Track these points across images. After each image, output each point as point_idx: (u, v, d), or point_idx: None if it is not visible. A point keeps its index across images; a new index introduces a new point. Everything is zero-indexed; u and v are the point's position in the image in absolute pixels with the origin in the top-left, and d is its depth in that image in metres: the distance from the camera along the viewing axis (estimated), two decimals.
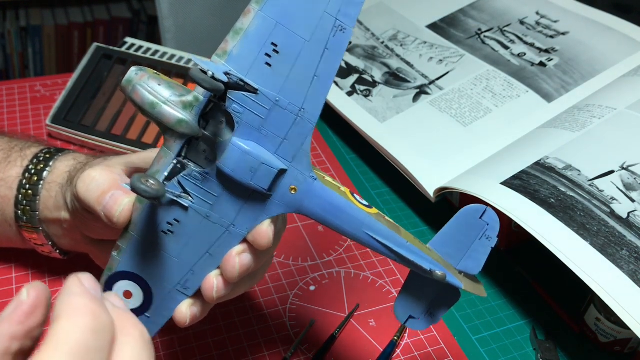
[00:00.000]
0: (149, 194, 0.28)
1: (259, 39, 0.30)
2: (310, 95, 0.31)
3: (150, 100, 0.31)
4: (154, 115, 0.31)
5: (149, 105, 0.31)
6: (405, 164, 0.56)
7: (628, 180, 0.47)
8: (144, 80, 0.31)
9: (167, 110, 0.31)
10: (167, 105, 0.31)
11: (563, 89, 0.61)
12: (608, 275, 0.41)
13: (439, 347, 0.46)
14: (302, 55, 0.30)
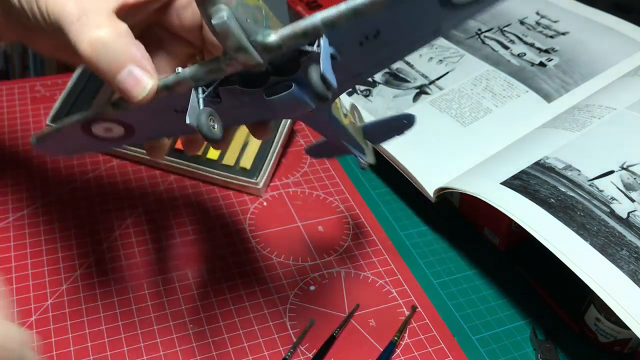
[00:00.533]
0: (209, 138, 0.30)
1: (369, 23, 0.29)
2: (371, 67, 0.33)
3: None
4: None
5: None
6: (405, 164, 0.56)
7: (628, 180, 0.47)
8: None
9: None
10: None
11: (563, 89, 0.61)
12: (608, 275, 0.41)
13: (439, 347, 0.46)
14: (392, 47, 0.31)
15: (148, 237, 0.52)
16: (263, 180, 0.57)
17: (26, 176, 0.57)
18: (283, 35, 0.28)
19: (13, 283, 0.47)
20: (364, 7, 0.27)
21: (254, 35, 0.28)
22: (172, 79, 0.31)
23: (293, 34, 0.28)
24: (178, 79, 0.31)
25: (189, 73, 0.31)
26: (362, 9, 0.27)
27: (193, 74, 0.31)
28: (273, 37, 0.28)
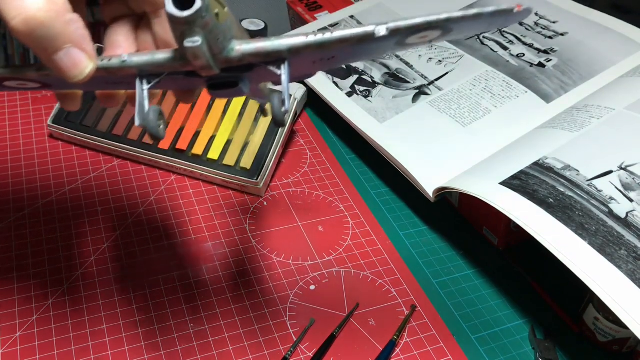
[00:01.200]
0: (156, 138, 0.31)
1: (329, 52, 0.31)
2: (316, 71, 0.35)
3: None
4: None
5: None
6: (404, 164, 0.56)
7: (626, 180, 0.47)
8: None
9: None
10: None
11: (562, 89, 0.61)
12: (606, 275, 0.41)
13: (439, 346, 0.46)
14: (343, 62, 0.34)
15: (149, 237, 0.52)
16: (263, 180, 0.57)
17: (27, 176, 0.57)
18: (246, 52, 0.29)
19: (14, 282, 0.47)
20: (330, 42, 0.29)
21: (220, 52, 0.29)
22: (116, 65, 0.31)
23: (256, 52, 0.29)
24: (123, 66, 0.31)
25: (136, 63, 0.31)
26: (328, 44, 0.29)
27: (141, 64, 0.31)
28: (236, 53, 0.29)
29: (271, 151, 0.58)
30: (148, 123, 0.30)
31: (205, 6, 0.26)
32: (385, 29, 0.28)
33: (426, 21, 0.28)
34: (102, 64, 0.31)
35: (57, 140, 0.62)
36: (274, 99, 0.31)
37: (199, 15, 0.26)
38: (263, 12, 1.14)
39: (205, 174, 0.58)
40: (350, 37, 0.28)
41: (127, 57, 0.31)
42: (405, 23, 0.28)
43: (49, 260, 0.49)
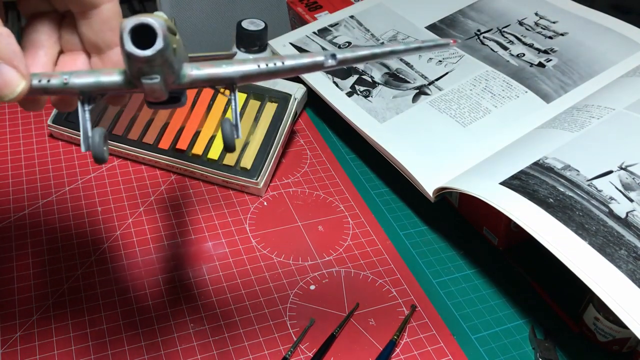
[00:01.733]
0: (102, 162, 0.29)
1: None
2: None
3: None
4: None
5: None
6: (404, 164, 0.56)
7: (626, 180, 0.47)
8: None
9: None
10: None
11: (562, 89, 0.61)
12: (606, 275, 0.41)
13: (438, 346, 0.46)
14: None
15: (149, 237, 0.52)
16: (263, 180, 0.57)
17: (27, 176, 0.57)
18: (197, 79, 0.29)
19: (14, 282, 0.47)
20: (282, 71, 0.30)
21: (173, 81, 0.29)
22: (56, 86, 0.29)
23: (208, 78, 0.29)
24: (64, 88, 0.29)
25: (79, 85, 0.29)
26: (280, 72, 0.30)
27: (85, 87, 0.29)
28: (188, 79, 0.29)
29: (271, 151, 0.58)
30: (94, 148, 0.29)
31: (166, 45, 0.26)
32: (334, 60, 0.30)
33: (372, 53, 0.30)
34: (40, 84, 0.29)
35: (57, 140, 0.62)
36: (225, 124, 0.30)
37: (159, 55, 0.26)
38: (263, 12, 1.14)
39: (205, 174, 0.58)
40: (300, 67, 0.30)
41: (69, 78, 0.29)
42: (353, 55, 0.30)
43: (49, 260, 0.49)
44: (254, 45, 0.70)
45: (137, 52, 0.25)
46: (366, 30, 0.73)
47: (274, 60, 0.30)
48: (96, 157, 0.29)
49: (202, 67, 0.29)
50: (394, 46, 0.30)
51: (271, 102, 0.62)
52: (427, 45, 0.30)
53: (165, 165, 0.59)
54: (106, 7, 0.31)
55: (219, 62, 0.29)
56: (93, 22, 0.31)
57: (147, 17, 0.25)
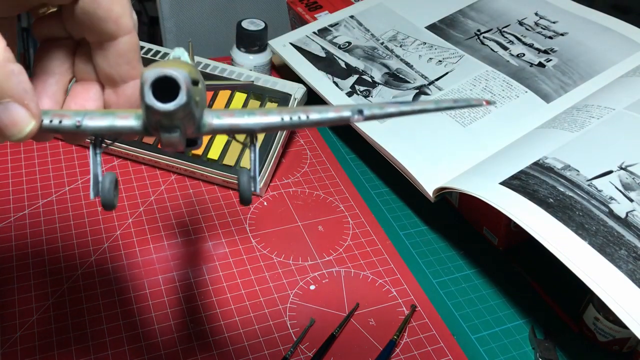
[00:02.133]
0: (111, 209, 0.28)
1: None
2: None
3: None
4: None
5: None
6: (404, 164, 0.56)
7: (626, 180, 0.47)
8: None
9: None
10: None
11: (562, 89, 0.61)
12: (606, 275, 0.41)
13: (438, 346, 0.46)
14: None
15: (149, 237, 0.52)
16: (263, 180, 0.57)
17: (27, 176, 0.57)
18: (217, 128, 0.28)
19: (14, 282, 0.47)
20: (305, 125, 0.28)
21: (192, 132, 0.27)
22: (69, 128, 0.27)
23: (229, 129, 0.28)
24: (77, 131, 0.27)
25: (93, 129, 0.27)
26: (303, 125, 0.29)
27: (99, 130, 0.27)
28: (207, 128, 0.28)
29: (271, 151, 0.58)
30: (104, 195, 0.27)
31: (189, 99, 0.24)
32: (361, 117, 0.28)
33: (400, 111, 0.28)
34: (51, 125, 0.27)
35: (57, 140, 0.62)
36: (243, 176, 0.29)
37: (181, 109, 0.24)
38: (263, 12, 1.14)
39: (205, 173, 0.58)
40: (326, 121, 0.29)
41: (82, 121, 0.27)
42: (381, 112, 0.29)
43: (49, 260, 0.49)
44: (254, 45, 0.70)
45: (159, 105, 0.24)
46: (366, 30, 0.73)
47: (298, 113, 0.28)
48: (105, 205, 0.28)
49: (222, 117, 0.28)
50: (425, 105, 0.29)
51: (271, 102, 0.62)
52: (459, 105, 0.29)
53: (165, 165, 0.59)
54: (124, 40, 0.30)
55: (242, 112, 0.28)
56: (109, 54, 0.30)
57: (170, 68, 0.24)
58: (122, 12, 0.29)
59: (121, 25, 0.29)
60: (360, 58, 0.69)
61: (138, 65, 0.31)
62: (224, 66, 0.66)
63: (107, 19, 0.28)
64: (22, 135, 0.26)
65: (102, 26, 0.29)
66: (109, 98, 0.32)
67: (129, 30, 0.29)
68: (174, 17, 1.10)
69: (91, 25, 0.29)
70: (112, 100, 0.32)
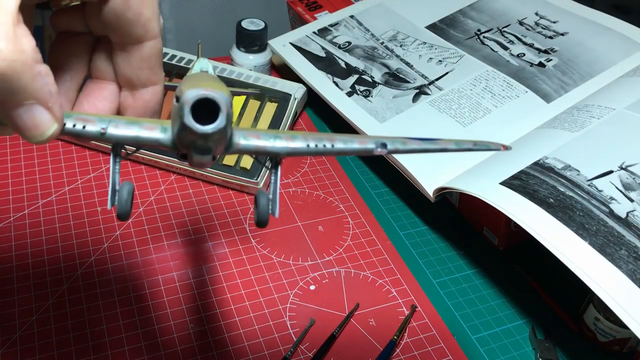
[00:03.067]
0: (123, 218, 0.27)
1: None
2: None
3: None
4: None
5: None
6: (404, 164, 0.56)
7: (627, 180, 0.47)
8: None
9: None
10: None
11: (562, 89, 0.61)
12: (607, 275, 0.41)
13: (439, 346, 0.46)
14: None
15: (148, 237, 0.52)
16: (263, 180, 0.57)
17: (27, 176, 0.57)
18: (243, 149, 0.28)
19: (14, 282, 0.47)
20: (329, 153, 0.29)
21: (222, 151, 0.27)
22: (93, 134, 0.26)
23: (255, 150, 0.28)
24: (100, 137, 0.26)
25: (117, 138, 0.26)
26: (326, 153, 0.29)
27: (123, 140, 0.27)
28: (234, 148, 0.28)
29: None
30: (121, 205, 0.27)
31: (228, 122, 0.24)
32: (384, 149, 0.30)
33: (422, 148, 0.30)
34: (74, 129, 0.26)
35: (57, 140, 0.62)
36: (261, 199, 0.28)
37: (219, 132, 0.24)
38: (263, 12, 1.14)
39: (205, 174, 0.58)
40: (349, 151, 0.29)
41: (107, 128, 0.26)
42: (405, 147, 0.30)
43: (49, 260, 0.49)
44: (253, 45, 0.70)
45: (197, 127, 0.23)
46: (366, 30, 0.73)
47: (323, 141, 0.28)
48: (121, 215, 0.27)
49: (250, 138, 0.27)
50: (446, 144, 0.30)
51: (271, 102, 0.62)
52: (478, 147, 0.30)
53: (165, 165, 0.59)
54: (149, 44, 0.29)
55: (268, 135, 0.28)
56: (132, 57, 0.29)
57: (211, 90, 0.23)
58: (151, 16, 0.28)
59: (149, 30, 0.28)
60: (360, 58, 0.69)
61: (159, 71, 0.30)
62: (224, 66, 0.66)
63: (136, 22, 0.28)
64: (44, 138, 0.25)
65: (130, 29, 0.28)
66: (125, 100, 0.31)
67: (155, 36, 0.29)
68: (174, 17, 1.10)
69: (118, 27, 0.28)
70: (128, 103, 0.31)
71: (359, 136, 0.29)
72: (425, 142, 0.29)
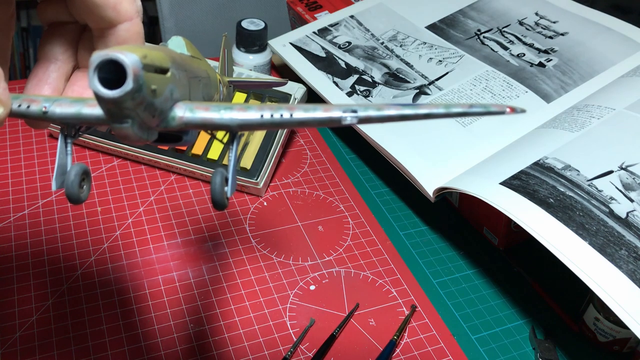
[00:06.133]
0: (76, 203, 0.26)
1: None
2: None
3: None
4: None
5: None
6: (404, 164, 0.56)
7: (627, 180, 0.47)
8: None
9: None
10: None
11: (562, 89, 0.61)
12: (607, 275, 0.41)
13: (439, 346, 0.46)
14: None
15: (148, 237, 0.52)
16: (263, 180, 0.57)
17: (27, 176, 0.57)
18: (188, 122, 0.26)
19: (14, 282, 0.47)
20: (287, 124, 0.25)
21: (157, 125, 0.25)
22: (35, 113, 0.26)
23: (201, 123, 0.26)
24: (44, 117, 0.26)
25: (59, 115, 0.26)
26: (285, 125, 0.25)
27: (65, 117, 0.26)
28: (177, 122, 0.25)
29: (271, 151, 0.58)
30: (67, 188, 0.25)
31: (138, 86, 0.22)
32: (354, 118, 0.24)
33: (401, 114, 0.24)
34: (19, 110, 0.26)
35: (56, 141, 0.62)
36: (215, 177, 0.26)
37: (129, 97, 0.22)
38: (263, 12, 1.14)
39: (205, 173, 0.58)
40: (312, 121, 0.25)
41: (49, 107, 0.26)
42: (378, 114, 0.24)
43: (49, 260, 0.49)
44: (253, 45, 0.70)
45: (102, 91, 0.22)
46: (366, 30, 0.73)
47: (280, 110, 0.25)
48: (69, 198, 0.26)
49: (196, 110, 0.25)
50: (432, 109, 0.23)
51: (271, 102, 0.62)
52: (475, 110, 0.23)
53: (165, 165, 0.59)
54: (123, 27, 0.28)
55: (218, 107, 0.25)
56: (108, 41, 0.29)
57: (119, 51, 0.21)
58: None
59: (120, 12, 0.27)
60: (360, 58, 0.69)
61: None
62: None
63: (105, 5, 0.27)
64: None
65: (101, 12, 0.27)
66: None
67: (129, 17, 0.28)
68: (174, 17, 1.10)
69: (89, 11, 0.27)
70: None
71: (324, 104, 0.25)
72: (405, 107, 0.24)
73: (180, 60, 0.26)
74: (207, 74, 0.31)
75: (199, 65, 0.30)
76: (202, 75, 0.29)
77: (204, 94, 0.30)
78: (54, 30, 0.30)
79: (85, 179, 0.26)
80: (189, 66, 0.27)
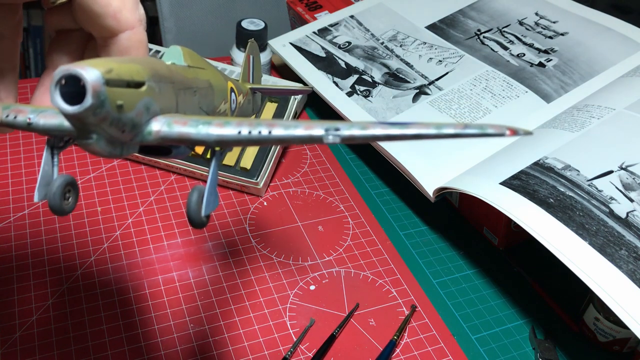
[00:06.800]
0: (60, 215, 0.26)
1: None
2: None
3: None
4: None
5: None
6: (404, 164, 0.56)
7: (627, 180, 0.47)
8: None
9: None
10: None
11: (562, 89, 0.61)
12: (607, 275, 0.41)
13: (439, 346, 0.46)
14: None
15: (148, 237, 0.52)
16: (263, 180, 0.57)
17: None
18: (165, 137, 0.25)
19: (14, 283, 0.47)
20: (266, 141, 0.24)
21: (130, 140, 0.25)
22: (21, 124, 0.26)
23: (178, 138, 0.25)
24: (29, 129, 0.26)
25: (43, 127, 0.26)
26: (264, 142, 0.24)
27: (49, 129, 0.26)
28: (154, 136, 0.25)
29: (271, 151, 0.58)
30: (50, 199, 0.25)
31: (99, 102, 0.21)
32: (337, 137, 0.23)
33: (387, 134, 0.22)
34: (7, 120, 0.26)
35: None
36: (192, 195, 0.25)
37: (89, 113, 0.21)
38: (263, 12, 1.14)
39: (205, 174, 0.58)
40: (292, 139, 0.24)
41: (33, 118, 0.26)
42: (363, 133, 0.22)
43: (49, 260, 0.49)
44: None
45: (61, 106, 0.21)
46: (366, 30, 0.73)
47: (259, 127, 0.24)
48: (53, 209, 0.25)
49: (174, 124, 0.25)
50: (422, 129, 0.21)
51: (271, 102, 0.62)
52: (470, 132, 0.21)
53: (165, 165, 0.59)
54: (125, 36, 0.28)
55: (197, 122, 0.25)
56: (110, 50, 0.28)
57: (79, 66, 0.21)
58: (120, 6, 0.27)
59: (121, 21, 0.27)
60: (360, 58, 0.69)
61: None
62: (224, 66, 0.66)
63: (104, 14, 0.27)
64: None
65: (101, 21, 0.27)
66: None
67: (131, 26, 0.28)
68: (174, 17, 1.10)
69: (90, 20, 0.27)
70: None
71: (306, 121, 0.24)
72: (392, 126, 0.22)
73: (165, 72, 0.26)
74: (209, 84, 0.30)
75: (197, 75, 0.29)
76: (199, 85, 0.29)
77: (203, 104, 0.29)
78: (61, 39, 0.31)
79: (71, 190, 0.26)
80: (180, 77, 0.27)
